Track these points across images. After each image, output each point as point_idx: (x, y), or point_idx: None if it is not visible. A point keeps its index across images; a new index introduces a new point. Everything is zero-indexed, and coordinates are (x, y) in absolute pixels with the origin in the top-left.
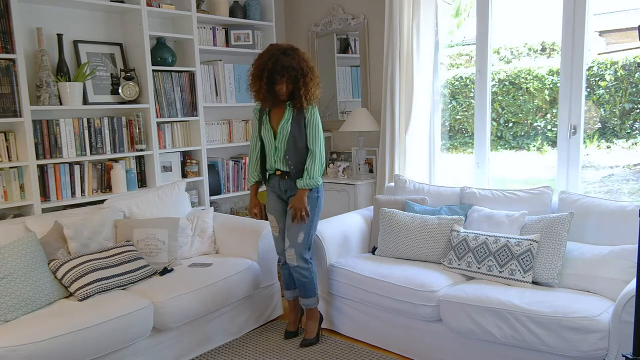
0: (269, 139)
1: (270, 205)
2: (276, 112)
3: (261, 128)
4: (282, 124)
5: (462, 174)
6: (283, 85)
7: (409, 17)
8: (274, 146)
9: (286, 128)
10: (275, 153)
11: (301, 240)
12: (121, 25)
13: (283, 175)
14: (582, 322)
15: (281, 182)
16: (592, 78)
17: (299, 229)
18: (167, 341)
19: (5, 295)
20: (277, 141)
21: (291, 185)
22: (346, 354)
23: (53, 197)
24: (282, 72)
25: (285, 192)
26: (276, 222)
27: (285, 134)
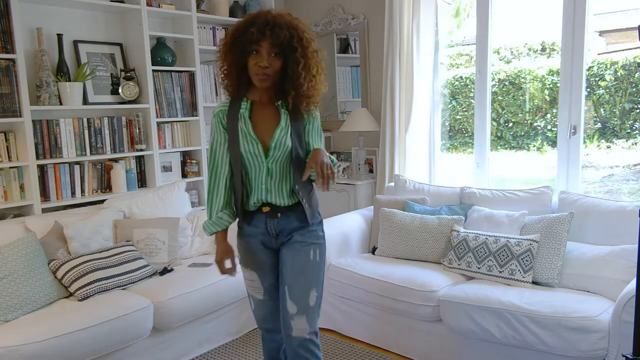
0: (254, 157)
1: (248, 257)
2: (262, 116)
3: (238, 140)
4: (278, 135)
5: (462, 174)
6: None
7: (409, 17)
8: (264, 168)
9: (285, 140)
10: (267, 179)
11: (314, 301)
12: (121, 25)
13: (275, 211)
14: (582, 322)
15: (271, 222)
16: (592, 78)
17: (309, 284)
18: (167, 341)
19: (5, 295)
20: (269, 160)
21: (286, 226)
22: (346, 354)
23: (53, 197)
24: (264, 30)
25: (276, 237)
26: (259, 281)
27: (284, 150)
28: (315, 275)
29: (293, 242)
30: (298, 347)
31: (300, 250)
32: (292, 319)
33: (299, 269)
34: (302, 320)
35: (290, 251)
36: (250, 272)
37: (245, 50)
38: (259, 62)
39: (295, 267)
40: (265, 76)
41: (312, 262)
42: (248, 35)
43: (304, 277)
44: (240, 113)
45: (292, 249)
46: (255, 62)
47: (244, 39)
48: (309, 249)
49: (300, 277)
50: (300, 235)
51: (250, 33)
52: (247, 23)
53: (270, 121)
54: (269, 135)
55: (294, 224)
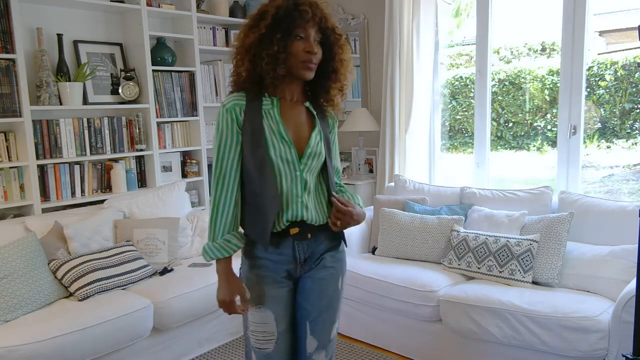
0: (287, 164)
1: (262, 292)
2: (293, 116)
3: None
4: (314, 140)
5: (462, 174)
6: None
7: (409, 17)
8: (299, 178)
9: (320, 147)
10: (304, 192)
11: (334, 334)
12: (121, 25)
13: (304, 232)
14: (582, 322)
15: (299, 245)
16: (592, 78)
17: (333, 318)
18: (167, 341)
19: (5, 295)
20: (304, 168)
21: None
22: (346, 354)
23: (53, 197)
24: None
25: (304, 264)
26: (274, 323)
27: (320, 158)
28: (340, 306)
29: (320, 268)
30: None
31: (329, 281)
32: (311, 357)
33: (326, 303)
34: (321, 355)
35: (316, 282)
36: (265, 312)
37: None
38: (307, 47)
39: (323, 301)
40: (314, 65)
41: (339, 293)
42: (296, 15)
43: (330, 311)
44: (264, 110)
45: (318, 278)
46: (304, 48)
47: (290, 19)
48: (337, 278)
49: (326, 312)
50: (330, 259)
51: (302, 12)
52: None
53: (303, 123)
54: (303, 140)
55: (323, 245)
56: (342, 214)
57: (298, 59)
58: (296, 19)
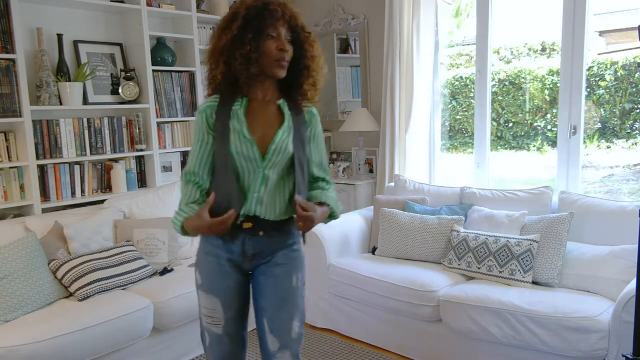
0: (247, 161)
1: (211, 279)
2: (261, 115)
3: (228, 140)
4: (280, 137)
5: (462, 174)
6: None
7: (409, 17)
8: (260, 174)
9: (287, 144)
10: (262, 185)
11: (296, 332)
12: (121, 25)
13: (257, 229)
14: (582, 322)
15: (249, 241)
16: (592, 78)
17: (291, 314)
18: (167, 341)
19: (5, 295)
20: (266, 165)
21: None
22: (346, 354)
23: (53, 197)
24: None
25: (252, 258)
26: (221, 309)
27: (286, 155)
28: (298, 303)
29: (273, 265)
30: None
31: (282, 278)
32: (275, 356)
33: (280, 300)
34: (285, 355)
35: (269, 278)
36: (212, 299)
37: (261, 34)
38: (279, 45)
39: (276, 298)
40: (286, 62)
41: (294, 289)
42: (267, 14)
43: (286, 308)
44: (232, 110)
45: (271, 275)
46: (276, 46)
47: (261, 18)
48: (291, 275)
49: (282, 309)
50: (282, 256)
51: (271, 12)
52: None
53: (270, 121)
54: (268, 137)
55: (276, 244)
56: (303, 218)
57: (271, 58)
58: (267, 19)
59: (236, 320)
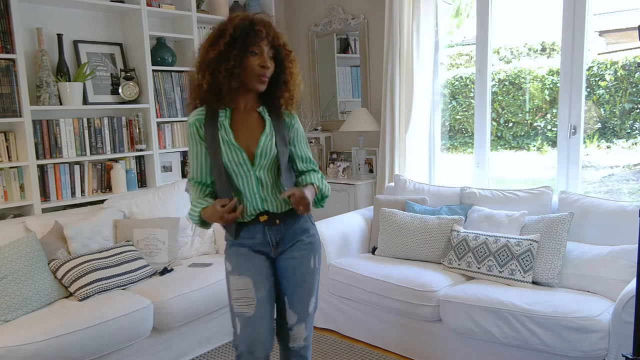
0: (239, 166)
1: (241, 263)
2: (244, 123)
3: (220, 150)
4: (264, 143)
5: (462, 174)
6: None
7: (409, 17)
8: (253, 177)
9: (270, 147)
10: (259, 188)
11: (312, 307)
12: (121, 25)
13: (272, 219)
14: (582, 322)
15: (270, 230)
16: (592, 78)
17: (309, 292)
18: (167, 341)
19: (5, 295)
20: (256, 169)
21: (286, 232)
22: (346, 354)
23: (53, 197)
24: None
25: (277, 246)
26: (253, 288)
27: (271, 157)
28: (315, 282)
29: (295, 249)
30: (293, 356)
31: (302, 260)
32: (292, 329)
33: (300, 279)
34: (301, 328)
35: (291, 261)
36: (244, 278)
37: (245, 51)
38: (262, 62)
39: (297, 277)
40: (266, 78)
41: (313, 270)
42: (252, 34)
43: (305, 286)
44: (219, 122)
45: (294, 258)
46: (258, 63)
47: (246, 37)
48: (310, 257)
49: (301, 287)
50: (303, 241)
51: (257, 32)
52: (248, 22)
53: (253, 128)
54: (253, 143)
55: (294, 230)
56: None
57: (253, 73)
58: (252, 37)
59: (267, 302)
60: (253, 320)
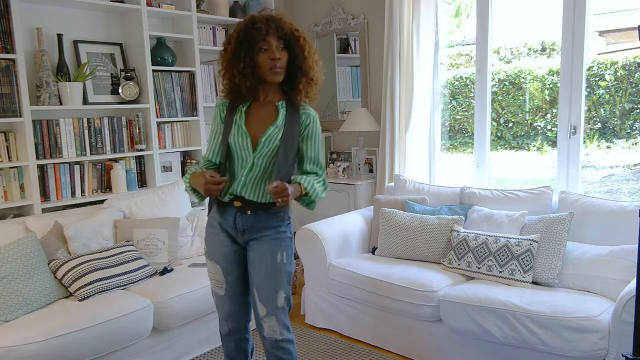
0: (242, 150)
1: (213, 248)
2: (259, 113)
3: (230, 131)
4: (270, 132)
5: (462, 174)
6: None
7: (409, 17)
8: (250, 161)
9: (275, 138)
10: (249, 171)
11: (282, 302)
12: (121, 25)
13: (245, 207)
14: (582, 322)
15: (239, 217)
16: (592, 78)
17: (276, 287)
18: (167, 341)
19: (5, 295)
20: (256, 155)
21: (254, 224)
22: (346, 354)
23: (53, 197)
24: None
25: (243, 233)
26: (222, 274)
27: (272, 147)
28: (282, 277)
29: (261, 242)
30: (271, 347)
31: (268, 254)
32: (263, 321)
33: (266, 273)
34: (271, 321)
35: (257, 253)
36: (214, 264)
37: (254, 49)
38: (271, 55)
39: (263, 271)
40: (279, 69)
41: (279, 265)
42: (255, 32)
43: (271, 280)
44: (238, 108)
45: (259, 251)
46: (268, 56)
47: (250, 37)
48: (276, 252)
49: (268, 281)
50: (269, 236)
51: (257, 29)
52: (250, 22)
53: (265, 119)
54: (261, 132)
55: (263, 224)
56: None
57: (266, 67)
58: (255, 36)
59: (237, 285)
60: (224, 299)
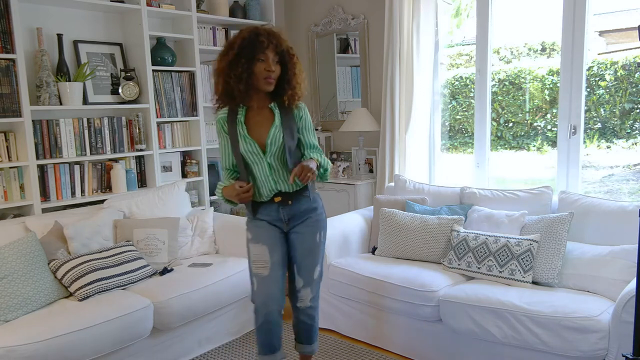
0: (254, 155)
1: (259, 233)
2: (257, 119)
3: (237, 143)
4: (273, 134)
5: (462, 174)
6: (268, 59)
7: (409, 17)
8: (264, 164)
9: (279, 137)
10: (271, 172)
11: (317, 274)
12: (121, 25)
13: (286, 199)
14: (582, 322)
15: (283, 210)
16: (592, 78)
17: (315, 262)
18: (167, 341)
19: (5, 295)
20: (268, 156)
21: (297, 210)
22: (346, 354)
23: (53, 197)
24: (270, 39)
25: (288, 222)
26: (268, 254)
27: (279, 146)
28: (320, 254)
29: (303, 226)
30: (301, 314)
31: (309, 235)
32: (299, 292)
33: (307, 251)
34: (307, 291)
35: (299, 235)
36: (261, 246)
37: (253, 59)
38: (267, 67)
39: (304, 249)
40: (272, 80)
41: (318, 243)
42: (257, 43)
43: (311, 256)
44: (237, 119)
45: (301, 232)
46: (264, 68)
47: (252, 47)
48: (315, 232)
49: (308, 257)
50: (311, 218)
51: (260, 42)
52: (253, 34)
53: (265, 122)
54: (264, 135)
55: (304, 207)
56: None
57: (261, 76)
58: (257, 47)
59: (279, 266)
60: (267, 280)
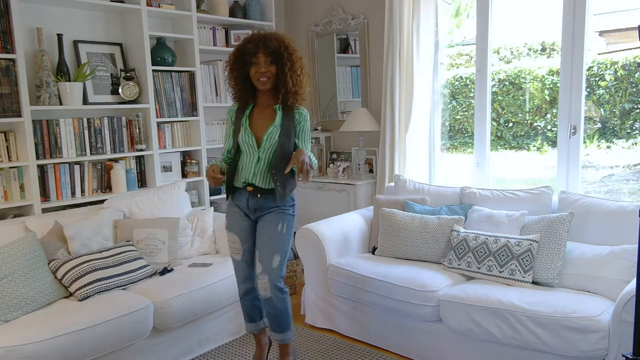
0: (249, 147)
1: (232, 222)
2: (260, 116)
3: (239, 132)
4: (270, 131)
5: (462, 174)
6: (260, 61)
7: (409, 17)
8: (256, 156)
9: (275, 135)
10: (256, 164)
11: (277, 264)
12: (121, 25)
13: (255, 192)
14: (582, 322)
15: (251, 200)
16: (592, 78)
17: (274, 250)
18: (167, 341)
19: (5, 295)
20: (260, 150)
21: (264, 205)
22: (346, 354)
23: (53, 197)
24: (258, 44)
25: (254, 212)
26: (239, 242)
27: (272, 143)
28: (281, 243)
29: (267, 216)
30: (264, 303)
31: (272, 223)
32: (258, 278)
33: (267, 238)
34: (264, 278)
35: (263, 223)
36: (233, 235)
37: (247, 64)
38: (258, 69)
39: (265, 236)
40: (265, 79)
41: (279, 233)
42: (246, 50)
43: (271, 244)
44: (245, 112)
45: (265, 221)
46: (256, 70)
47: (245, 54)
48: (277, 223)
49: (268, 244)
50: (275, 211)
51: (247, 48)
52: (244, 42)
53: (266, 120)
54: (262, 130)
55: (271, 204)
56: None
57: (254, 78)
58: (247, 53)
59: (250, 252)
60: (241, 263)
